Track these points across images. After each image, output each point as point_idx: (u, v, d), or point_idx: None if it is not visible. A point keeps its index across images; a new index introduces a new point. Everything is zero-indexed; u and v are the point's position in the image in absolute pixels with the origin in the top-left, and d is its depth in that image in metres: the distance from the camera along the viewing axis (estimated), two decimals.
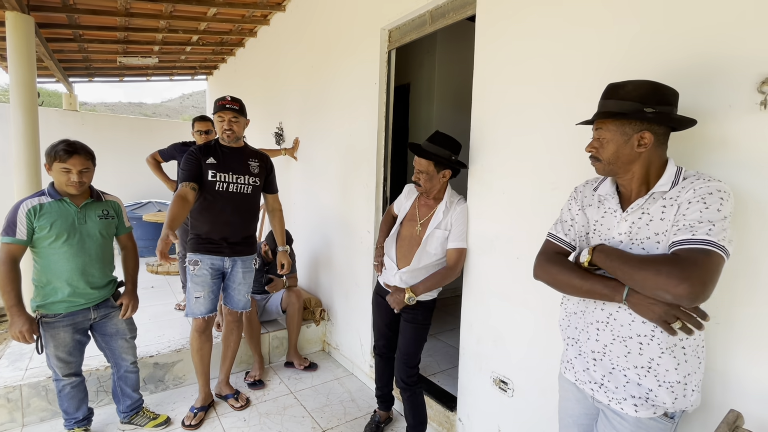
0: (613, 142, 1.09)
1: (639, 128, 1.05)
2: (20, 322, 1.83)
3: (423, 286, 1.96)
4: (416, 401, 2.11)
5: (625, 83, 1.09)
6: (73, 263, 1.93)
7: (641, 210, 1.09)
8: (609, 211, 1.17)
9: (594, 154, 1.14)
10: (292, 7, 3.81)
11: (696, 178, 1.03)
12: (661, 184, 1.06)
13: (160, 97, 70.05)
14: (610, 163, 1.11)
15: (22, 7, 3.10)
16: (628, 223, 1.11)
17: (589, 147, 1.16)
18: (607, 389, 1.15)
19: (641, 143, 1.06)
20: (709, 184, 1.00)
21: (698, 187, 1.00)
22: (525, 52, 1.73)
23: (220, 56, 5.72)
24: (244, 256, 2.42)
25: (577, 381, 1.25)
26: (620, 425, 1.13)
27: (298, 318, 3.07)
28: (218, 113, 2.28)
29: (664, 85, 1.07)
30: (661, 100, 1.04)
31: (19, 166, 3.16)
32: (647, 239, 1.06)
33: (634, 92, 1.05)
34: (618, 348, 1.12)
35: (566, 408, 1.33)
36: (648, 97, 1.04)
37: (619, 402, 1.12)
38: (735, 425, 1.01)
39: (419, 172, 1.95)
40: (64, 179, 1.88)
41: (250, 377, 2.86)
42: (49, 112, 6.36)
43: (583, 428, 1.29)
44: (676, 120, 1.07)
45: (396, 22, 2.50)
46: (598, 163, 1.14)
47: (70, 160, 1.86)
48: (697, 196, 0.99)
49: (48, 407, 2.35)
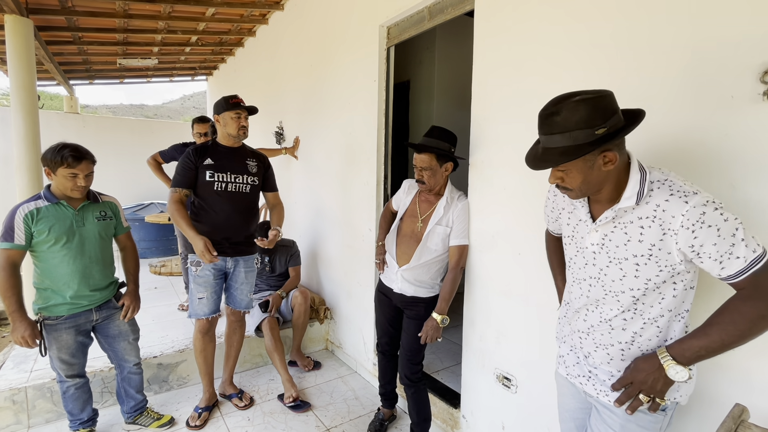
0: (578, 171, 1.02)
1: (598, 151, 0.98)
2: (22, 327, 1.84)
3: (443, 301, 1.94)
4: (420, 398, 2.10)
5: (557, 109, 0.98)
6: (74, 266, 1.93)
7: (613, 224, 1.06)
8: (582, 220, 1.15)
9: (561, 184, 1.07)
10: (290, 5, 3.80)
11: (668, 192, 0.96)
12: (626, 197, 1.01)
13: (161, 99, 70.20)
14: (582, 191, 1.06)
15: (21, 10, 3.10)
16: (599, 234, 1.09)
17: (552, 179, 1.08)
18: (595, 381, 1.17)
19: (606, 162, 0.99)
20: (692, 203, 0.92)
21: (685, 212, 0.93)
22: (525, 46, 1.72)
23: (219, 56, 5.72)
24: (246, 256, 2.42)
25: (569, 375, 1.27)
26: (610, 418, 1.14)
27: (304, 318, 3.06)
28: (235, 110, 2.26)
29: (598, 96, 0.97)
30: (605, 114, 0.96)
31: (21, 169, 3.17)
32: (625, 260, 1.04)
33: (574, 118, 0.96)
34: (601, 355, 1.15)
35: (563, 403, 1.35)
36: (592, 119, 0.95)
37: (606, 394, 1.14)
38: (740, 419, 1.00)
39: (422, 169, 1.93)
40: (70, 184, 1.88)
41: (289, 399, 2.55)
42: (50, 115, 6.38)
43: (579, 422, 1.30)
44: (628, 127, 0.98)
45: (394, 18, 2.49)
46: (569, 192, 1.08)
47: (79, 166, 1.86)
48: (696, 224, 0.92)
49: (53, 409, 2.36)
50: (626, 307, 1.08)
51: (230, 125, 2.28)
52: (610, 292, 1.10)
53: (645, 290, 1.04)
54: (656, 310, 1.06)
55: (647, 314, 1.06)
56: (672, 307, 1.05)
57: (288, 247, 3.26)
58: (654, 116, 1.30)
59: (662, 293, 1.04)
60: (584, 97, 0.97)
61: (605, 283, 1.10)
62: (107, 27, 4.07)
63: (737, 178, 1.14)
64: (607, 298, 1.11)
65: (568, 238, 1.23)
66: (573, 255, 1.20)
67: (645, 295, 1.05)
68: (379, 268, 2.22)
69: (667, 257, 0.99)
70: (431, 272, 2.01)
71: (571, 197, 1.11)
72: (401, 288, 2.04)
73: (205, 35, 4.50)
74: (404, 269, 2.00)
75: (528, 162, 1.12)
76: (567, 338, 1.27)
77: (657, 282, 1.02)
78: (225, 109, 2.26)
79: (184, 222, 2.13)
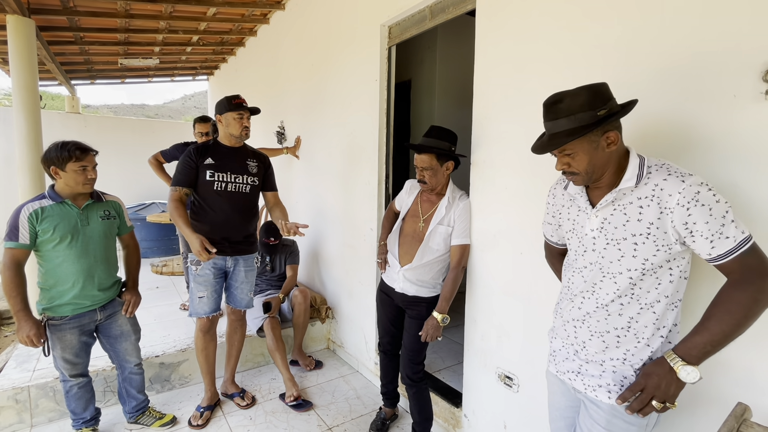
0: (584, 153, 1.08)
1: (601, 131, 1.06)
2: (27, 327, 1.84)
3: (444, 300, 1.94)
4: (422, 398, 2.10)
5: (560, 97, 1.08)
6: (78, 265, 1.94)
7: (613, 206, 1.10)
8: (581, 209, 1.19)
9: (567, 170, 1.13)
10: (291, 5, 3.80)
11: (666, 173, 1.02)
12: (626, 179, 1.06)
13: (163, 98, 70.32)
14: (589, 173, 1.11)
15: (22, 10, 3.10)
16: (599, 219, 1.12)
17: (559, 166, 1.15)
18: (583, 377, 1.18)
19: (609, 143, 1.06)
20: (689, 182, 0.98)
21: (681, 190, 0.98)
22: (526, 45, 1.71)
23: (220, 56, 5.73)
24: (245, 255, 2.42)
25: (558, 372, 1.28)
26: (596, 414, 1.15)
27: (304, 318, 3.07)
28: (238, 111, 2.27)
29: (595, 84, 1.08)
30: (604, 98, 1.05)
31: (23, 169, 3.17)
32: (624, 240, 1.07)
33: (577, 102, 1.05)
34: (596, 343, 1.16)
35: (553, 402, 1.36)
36: (593, 102, 1.04)
37: (594, 389, 1.15)
38: (743, 418, 1.00)
39: (422, 169, 1.93)
40: (82, 178, 1.90)
41: (290, 398, 2.55)
42: (52, 115, 6.39)
43: (569, 421, 1.31)
44: (626, 108, 1.07)
45: (396, 18, 2.49)
46: (576, 176, 1.13)
47: (87, 158, 1.91)
48: (691, 202, 0.97)
49: (56, 408, 2.36)
50: (623, 290, 1.09)
51: (232, 126, 2.28)
52: (608, 273, 1.12)
53: (643, 271, 1.06)
54: (653, 296, 1.07)
55: (644, 299, 1.08)
56: (668, 293, 1.07)
57: (288, 246, 3.27)
58: (656, 115, 1.30)
59: (659, 278, 1.06)
60: (585, 86, 1.08)
61: (603, 266, 1.12)
62: (109, 27, 4.08)
63: (739, 176, 1.14)
64: (604, 280, 1.13)
65: (569, 233, 1.24)
66: (576, 247, 1.21)
67: (642, 280, 1.07)
68: (380, 267, 2.22)
69: (663, 236, 1.03)
70: (433, 272, 2.01)
71: (577, 182, 1.15)
72: (403, 288, 2.04)
73: (206, 35, 4.51)
74: (406, 269, 2.00)
75: (535, 149, 1.17)
76: (559, 331, 1.28)
77: (654, 263, 1.05)
78: (227, 109, 2.26)
79: (182, 220, 2.13)
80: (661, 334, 1.09)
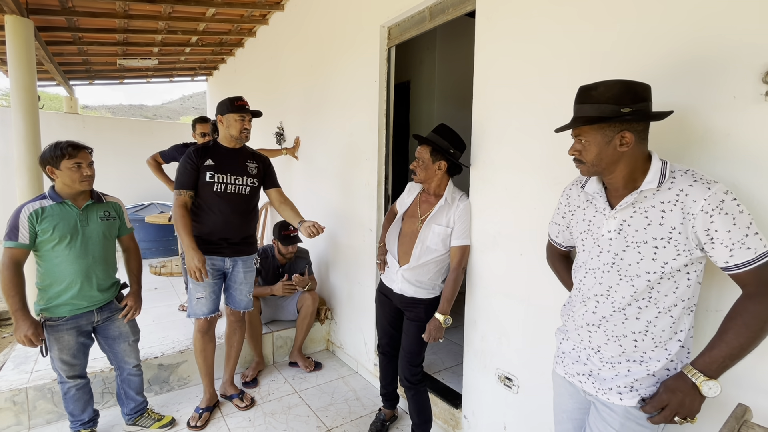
0: (595, 144, 1.09)
1: (618, 129, 1.05)
2: (25, 326, 1.83)
3: (446, 301, 1.94)
4: (421, 399, 2.10)
5: (597, 85, 1.08)
6: (77, 266, 1.93)
7: (633, 209, 1.09)
8: (599, 210, 1.18)
9: (577, 156, 1.15)
10: (290, 6, 3.80)
11: (692, 179, 1.01)
12: (648, 181, 1.06)
13: (161, 99, 70.22)
14: (594, 165, 1.11)
15: (21, 10, 3.10)
16: (617, 220, 1.11)
17: (571, 150, 1.16)
18: (595, 380, 1.17)
19: (623, 143, 1.06)
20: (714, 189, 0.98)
21: (707, 197, 0.97)
22: (526, 45, 1.72)
23: (219, 57, 5.72)
24: (244, 256, 2.42)
25: (566, 374, 1.27)
26: (609, 416, 1.14)
27: (309, 320, 3.06)
28: (239, 113, 2.27)
29: (636, 82, 1.06)
30: (635, 98, 1.04)
31: (21, 169, 3.17)
32: (644, 243, 1.06)
33: (607, 93, 1.05)
34: (612, 347, 1.15)
35: (560, 403, 1.35)
36: (622, 97, 1.04)
37: (605, 392, 1.14)
38: (743, 419, 1.00)
39: (416, 160, 1.98)
40: (77, 175, 1.89)
41: (245, 377, 2.85)
42: (50, 116, 6.37)
43: (577, 423, 1.30)
44: (654, 115, 1.06)
45: (395, 18, 2.49)
46: (582, 165, 1.15)
47: (80, 155, 1.90)
48: (715, 210, 0.97)
49: (54, 409, 2.35)
50: (640, 293, 1.08)
51: (233, 127, 2.28)
52: (625, 276, 1.10)
53: (661, 275, 1.05)
54: (671, 299, 1.07)
55: (661, 303, 1.07)
56: (686, 297, 1.06)
57: (303, 258, 3.25)
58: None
59: (677, 282, 1.06)
60: (624, 80, 1.06)
61: (620, 268, 1.11)
62: (107, 27, 4.07)
63: (740, 177, 1.14)
64: (621, 283, 1.11)
65: (583, 233, 1.23)
66: (590, 248, 1.20)
67: (660, 283, 1.06)
68: (380, 268, 2.22)
69: (685, 242, 1.02)
70: (431, 273, 2.01)
71: (583, 172, 1.16)
72: (401, 288, 2.04)
73: (205, 35, 4.50)
74: (404, 269, 2.00)
75: (556, 129, 1.20)
76: (571, 334, 1.27)
77: (673, 266, 1.04)
78: (230, 110, 2.26)
79: (185, 231, 2.15)
80: (678, 338, 1.09)
